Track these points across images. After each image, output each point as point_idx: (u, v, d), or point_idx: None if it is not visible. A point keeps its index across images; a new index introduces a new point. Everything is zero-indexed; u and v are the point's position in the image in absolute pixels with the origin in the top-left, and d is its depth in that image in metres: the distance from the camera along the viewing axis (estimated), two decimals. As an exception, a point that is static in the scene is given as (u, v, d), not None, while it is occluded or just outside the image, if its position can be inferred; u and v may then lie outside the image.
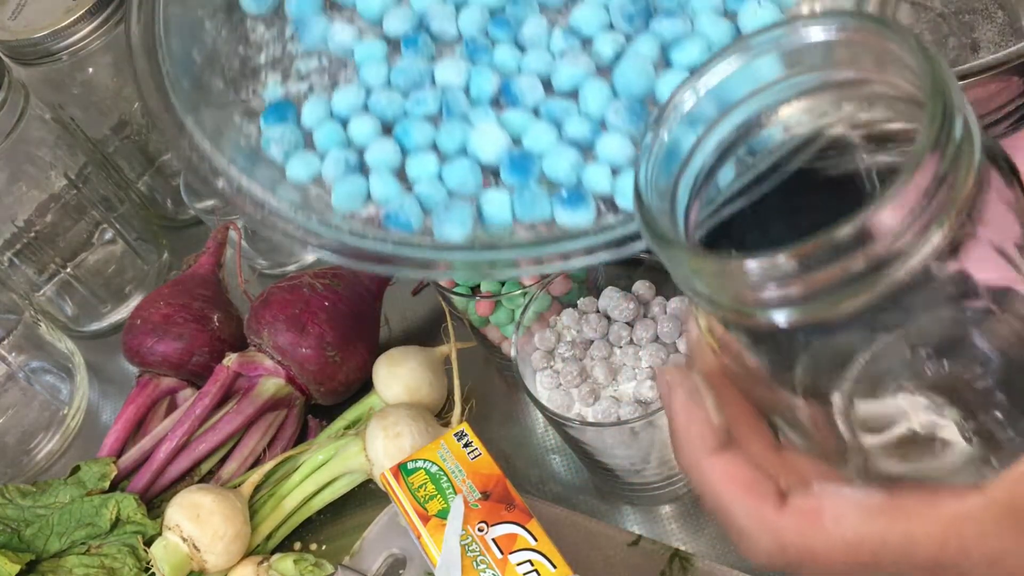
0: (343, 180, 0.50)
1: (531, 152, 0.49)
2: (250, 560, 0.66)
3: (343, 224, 0.49)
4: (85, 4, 0.77)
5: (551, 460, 0.70)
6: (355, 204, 0.50)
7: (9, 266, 0.83)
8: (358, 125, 0.52)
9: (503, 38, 0.53)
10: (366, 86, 0.53)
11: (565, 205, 0.48)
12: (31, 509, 0.67)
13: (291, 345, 0.71)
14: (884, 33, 0.30)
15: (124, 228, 0.88)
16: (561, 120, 0.50)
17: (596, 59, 0.52)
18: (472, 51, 0.52)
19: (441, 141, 0.51)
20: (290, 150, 0.52)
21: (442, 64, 0.52)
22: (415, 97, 0.52)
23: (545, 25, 0.53)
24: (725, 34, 0.50)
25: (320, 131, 0.52)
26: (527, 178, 0.49)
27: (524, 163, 0.49)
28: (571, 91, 0.51)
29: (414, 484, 0.60)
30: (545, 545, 0.56)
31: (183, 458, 0.71)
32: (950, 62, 0.71)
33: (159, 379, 0.76)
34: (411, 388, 0.70)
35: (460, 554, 0.56)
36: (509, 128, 0.51)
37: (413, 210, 0.49)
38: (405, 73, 0.52)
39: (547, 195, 0.48)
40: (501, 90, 0.52)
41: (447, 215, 0.48)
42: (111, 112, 0.86)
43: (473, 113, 0.51)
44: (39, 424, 0.83)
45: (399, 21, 0.54)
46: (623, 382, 0.59)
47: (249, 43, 0.58)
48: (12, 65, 0.79)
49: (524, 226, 0.49)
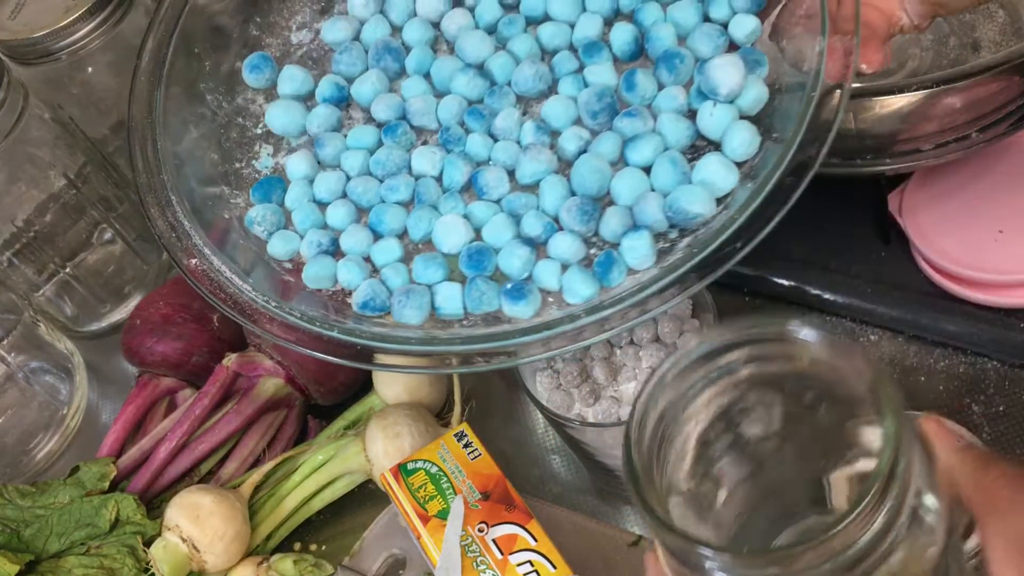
0: (314, 262, 0.55)
1: (487, 246, 0.52)
2: (250, 560, 0.66)
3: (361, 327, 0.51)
4: (84, 4, 0.77)
5: (551, 460, 0.70)
6: (324, 284, 0.55)
7: (8, 266, 0.83)
8: (335, 210, 0.57)
9: (477, 128, 0.56)
10: (346, 172, 0.58)
11: (510, 299, 0.50)
12: (31, 509, 0.67)
13: (291, 345, 0.71)
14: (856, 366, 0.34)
15: (123, 228, 0.88)
16: (520, 215, 0.53)
17: (560, 154, 0.54)
18: (447, 140, 0.57)
19: (410, 229, 0.55)
20: (271, 229, 0.57)
21: (418, 153, 0.57)
22: (389, 185, 0.56)
23: (516, 117, 0.56)
24: (683, 134, 0.52)
25: (299, 213, 0.57)
26: (482, 272, 0.52)
27: (480, 258, 0.52)
28: (533, 184, 0.54)
29: (414, 484, 0.60)
30: (545, 545, 0.56)
31: (183, 458, 0.71)
32: (950, 62, 0.71)
33: (159, 379, 0.76)
34: (411, 388, 0.70)
35: (460, 554, 0.56)
36: (474, 219, 0.54)
37: (382, 295, 0.52)
38: (382, 163, 0.57)
39: (496, 290, 0.51)
40: (470, 181, 0.55)
41: (408, 301, 0.51)
42: (110, 112, 0.86)
43: (443, 202, 0.55)
44: (38, 424, 0.83)
45: (385, 109, 0.58)
46: (623, 382, 0.59)
47: (248, 113, 0.62)
48: (11, 65, 0.79)
49: (475, 316, 0.52)
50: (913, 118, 0.62)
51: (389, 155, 0.57)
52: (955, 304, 0.66)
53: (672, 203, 0.50)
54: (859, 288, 0.69)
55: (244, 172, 0.60)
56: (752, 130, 0.51)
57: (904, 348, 0.68)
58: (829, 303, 0.70)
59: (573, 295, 0.50)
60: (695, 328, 0.60)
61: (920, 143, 0.64)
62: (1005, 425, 0.62)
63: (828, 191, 0.74)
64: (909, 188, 0.70)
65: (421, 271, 0.53)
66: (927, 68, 0.71)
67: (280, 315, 0.51)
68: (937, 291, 0.67)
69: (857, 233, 0.72)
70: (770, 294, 0.72)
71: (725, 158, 0.51)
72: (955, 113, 0.61)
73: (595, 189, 0.52)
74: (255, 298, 0.53)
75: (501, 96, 0.56)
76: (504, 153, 0.55)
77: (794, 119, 0.48)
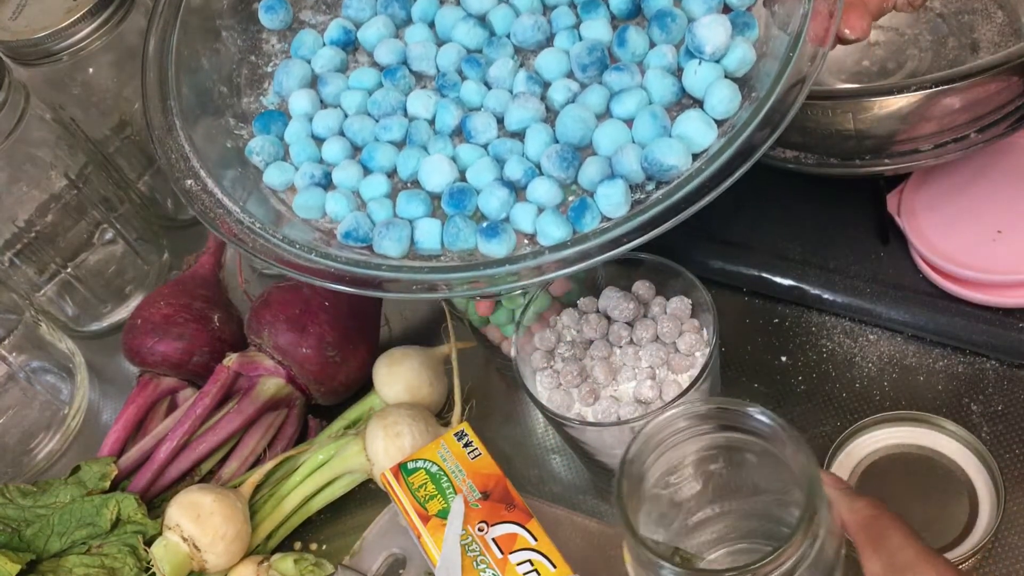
0: (305, 192, 0.57)
1: (470, 187, 0.54)
2: (250, 560, 0.66)
3: (311, 246, 0.54)
4: (85, 4, 0.77)
5: (551, 460, 0.70)
6: (313, 214, 0.57)
7: (9, 266, 0.83)
8: (331, 145, 0.59)
9: (472, 76, 0.58)
10: (345, 111, 0.60)
11: (485, 236, 0.52)
12: (31, 509, 0.67)
13: (291, 345, 0.71)
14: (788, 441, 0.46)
15: (124, 228, 0.88)
16: (504, 159, 0.55)
17: (549, 104, 0.56)
18: (443, 85, 0.59)
19: (398, 166, 0.57)
20: (269, 160, 0.59)
21: (414, 96, 0.58)
22: (384, 124, 0.58)
23: (511, 67, 0.58)
24: (668, 90, 0.54)
25: (296, 147, 0.59)
26: (462, 211, 0.54)
27: (461, 197, 0.54)
28: (520, 131, 0.56)
29: (414, 484, 0.60)
30: (545, 545, 0.56)
31: (183, 458, 0.71)
32: (949, 63, 0.71)
33: (159, 379, 0.76)
34: (411, 388, 0.70)
35: (460, 554, 0.56)
36: (460, 161, 0.56)
37: (365, 227, 0.54)
38: (379, 104, 0.59)
39: (473, 228, 0.53)
40: (460, 125, 0.57)
41: (388, 233, 0.53)
42: (111, 112, 0.86)
43: (432, 143, 0.57)
44: (40, 424, 0.83)
45: (386, 52, 0.60)
46: (623, 382, 0.59)
47: (261, 52, 0.64)
48: (13, 65, 0.79)
49: (452, 253, 0.53)
50: (912, 119, 0.62)
51: (386, 96, 0.59)
52: (954, 304, 0.66)
53: (648, 155, 0.51)
54: (858, 288, 0.69)
55: (252, 107, 0.62)
56: (733, 88, 0.52)
57: (903, 348, 0.68)
58: (828, 303, 0.70)
59: (546, 237, 0.51)
60: (695, 328, 0.60)
61: (919, 143, 0.64)
62: (1004, 425, 0.63)
63: (827, 191, 0.74)
64: (908, 188, 0.70)
65: (404, 206, 0.55)
66: (926, 69, 0.71)
67: (265, 237, 0.54)
68: (936, 291, 0.67)
69: (856, 233, 0.72)
70: (770, 294, 0.72)
71: (705, 114, 0.52)
72: (954, 114, 0.61)
73: (578, 138, 0.53)
74: (243, 219, 0.55)
75: (499, 47, 0.58)
76: (495, 100, 0.57)
77: (772, 79, 0.50)
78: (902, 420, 0.62)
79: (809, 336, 0.70)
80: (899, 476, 0.61)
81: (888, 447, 0.62)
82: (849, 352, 0.68)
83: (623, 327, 0.60)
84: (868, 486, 0.61)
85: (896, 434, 0.62)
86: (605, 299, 0.61)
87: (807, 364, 0.69)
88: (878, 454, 0.62)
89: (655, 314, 0.61)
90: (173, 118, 0.59)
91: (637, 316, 0.60)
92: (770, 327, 0.71)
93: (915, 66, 0.72)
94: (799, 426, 0.65)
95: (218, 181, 0.57)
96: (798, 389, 0.68)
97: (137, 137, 0.88)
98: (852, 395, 0.66)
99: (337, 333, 0.72)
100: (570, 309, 0.63)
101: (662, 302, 0.61)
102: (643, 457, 0.49)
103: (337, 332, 0.72)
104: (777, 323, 0.71)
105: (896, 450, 0.62)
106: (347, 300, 0.73)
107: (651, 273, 0.62)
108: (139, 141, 0.89)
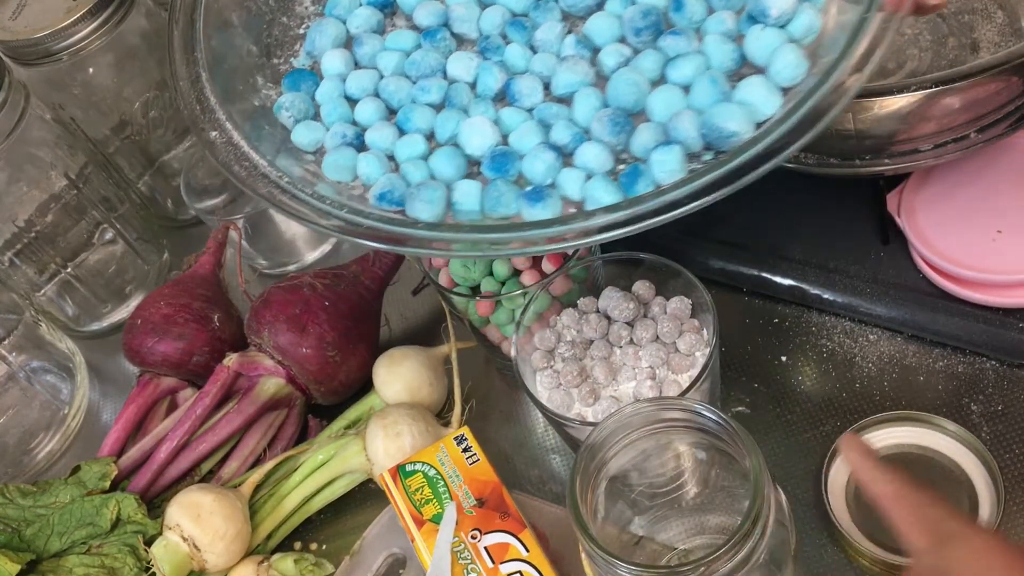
0: (336, 151, 0.54)
1: (513, 151, 0.51)
2: (250, 560, 0.66)
3: (340, 201, 0.51)
4: (85, 4, 0.77)
5: (551, 460, 0.70)
6: (343, 175, 0.54)
7: (10, 266, 0.83)
8: (364, 106, 0.55)
9: (518, 39, 0.55)
10: (380, 71, 0.57)
11: (529, 200, 0.49)
12: (31, 509, 0.67)
13: (291, 345, 0.71)
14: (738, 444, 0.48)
15: (124, 228, 0.88)
16: (550, 124, 0.51)
17: (599, 68, 0.53)
18: (485, 48, 0.55)
19: (436, 129, 0.53)
20: (299, 117, 0.56)
21: (455, 58, 0.55)
22: (422, 85, 0.55)
23: (559, 31, 0.54)
24: (728, 56, 0.50)
25: (328, 106, 0.56)
26: (504, 175, 0.50)
27: (504, 161, 0.51)
28: (567, 96, 0.52)
29: (411, 487, 0.60)
30: (536, 556, 0.55)
31: (183, 458, 0.71)
32: (949, 62, 0.71)
33: (159, 379, 0.76)
34: (411, 388, 0.70)
35: (451, 561, 0.56)
36: (504, 125, 0.52)
37: (400, 189, 0.51)
38: (418, 64, 0.56)
39: (515, 192, 0.49)
40: (504, 88, 0.53)
41: (420, 194, 0.50)
42: (111, 112, 0.86)
43: (473, 107, 0.54)
44: (40, 424, 0.83)
45: (426, 13, 0.57)
46: (623, 382, 0.59)
47: (293, 14, 0.61)
48: (13, 65, 0.79)
49: (492, 217, 0.50)
50: (912, 118, 0.62)
51: (425, 57, 0.56)
52: (954, 304, 0.66)
53: (708, 120, 0.47)
54: (858, 288, 0.69)
55: (281, 68, 0.60)
56: (799, 53, 0.48)
57: (903, 348, 0.68)
58: (828, 303, 0.70)
59: (595, 204, 0.48)
60: (695, 328, 0.60)
61: (919, 143, 0.64)
62: (1003, 424, 0.63)
63: (827, 191, 0.74)
64: (908, 188, 0.70)
65: (441, 166, 0.51)
66: (926, 68, 0.71)
67: (291, 190, 0.51)
68: (936, 291, 0.67)
69: (856, 233, 0.72)
70: (770, 294, 0.72)
71: (769, 80, 0.48)
72: (954, 113, 0.61)
73: (630, 102, 0.50)
74: (269, 172, 0.52)
75: (546, 11, 0.55)
76: (542, 64, 0.54)
77: (840, 48, 0.46)
78: (902, 420, 0.62)
79: (809, 336, 0.70)
80: (899, 476, 0.61)
81: (888, 447, 0.62)
82: (849, 352, 0.68)
83: (623, 327, 0.60)
84: (868, 486, 0.61)
85: (896, 434, 0.62)
86: (605, 299, 0.61)
87: (807, 364, 0.69)
88: (878, 454, 0.62)
89: (655, 314, 0.61)
90: (199, 69, 0.56)
91: (637, 316, 0.60)
92: (770, 327, 0.71)
93: (915, 66, 0.72)
94: (799, 426, 0.66)
95: (243, 134, 0.54)
96: (798, 389, 0.68)
97: (137, 137, 0.88)
98: (852, 395, 0.66)
99: (337, 333, 0.72)
100: (570, 309, 0.63)
101: (662, 302, 0.61)
102: (598, 453, 0.50)
103: (337, 332, 0.72)
104: (777, 323, 0.71)
105: (896, 450, 0.62)
106: (347, 300, 0.73)
107: (651, 273, 0.62)
108: (139, 141, 0.89)
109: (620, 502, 0.56)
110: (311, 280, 0.74)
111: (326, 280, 0.74)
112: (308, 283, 0.73)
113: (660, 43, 0.52)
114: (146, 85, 0.85)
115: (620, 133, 0.50)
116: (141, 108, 0.86)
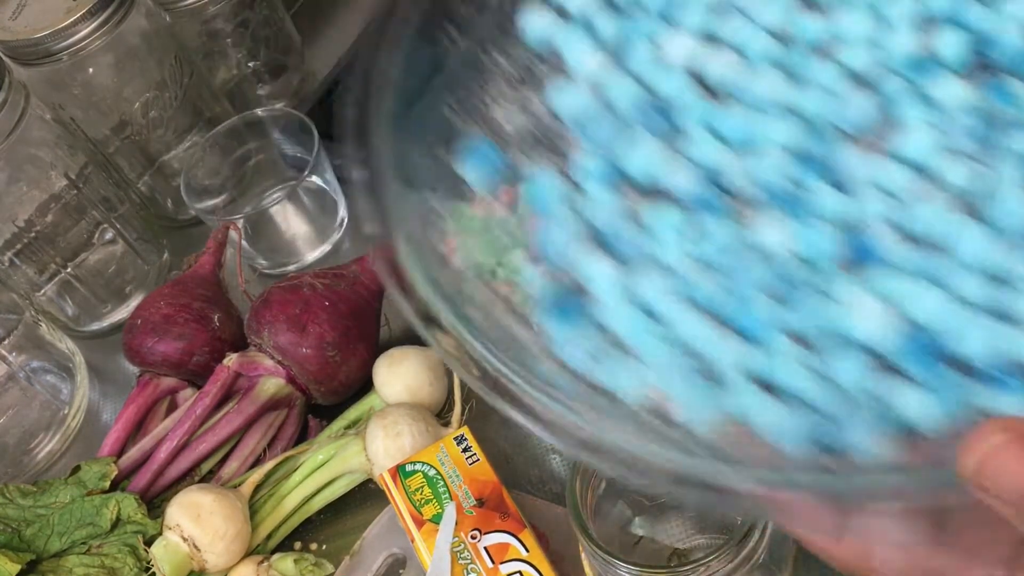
0: (693, 391, 0.36)
1: (928, 327, 0.36)
2: (250, 560, 0.66)
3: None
4: (85, 4, 0.77)
5: (551, 460, 0.70)
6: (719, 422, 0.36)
7: (9, 266, 0.83)
8: (683, 318, 0.37)
9: (816, 183, 0.39)
10: (667, 266, 0.39)
11: (995, 385, 0.34)
12: (31, 509, 0.67)
13: (291, 345, 0.71)
14: None
15: (124, 228, 0.88)
16: (938, 278, 0.36)
17: (943, 187, 0.38)
18: (784, 203, 0.39)
19: (797, 323, 0.37)
20: (598, 355, 0.38)
21: (757, 225, 0.38)
22: (740, 270, 0.38)
23: (862, 157, 0.39)
24: None
25: (637, 336, 0.38)
26: (935, 362, 0.35)
27: (929, 343, 0.35)
28: (933, 238, 0.37)
29: (411, 487, 0.60)
30: (536, 556, 0.55)
31: (183, 458, 0.71)
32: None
33: (159, 379, 0.76)
34: (411, 388, 0.70)
35: (451, 561, 0.56)
36: (880, 296, 0.37)
37: (820, 423, 0.35)
38: (718, 243, 0.38)
39: (962, 384, 0.34)
40: (849, 247, 0.38)
41: (850, 421, 0.34)
42: (111, 112, 0.86)
43: (822, 281, 0.37)
44: (39, 424, 0.83)
45: (684, 177, 0.40)
46: (624, 383, 0.58)
47: None
48: (12, 65, 0.79)
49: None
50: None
51: (721, 231, 0.39)
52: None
53: None
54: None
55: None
56: None
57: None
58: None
59: None
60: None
61: (920, 144, 0.63)
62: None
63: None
64: (908, 188, 0.70)
65: (843, 369, 0.36)
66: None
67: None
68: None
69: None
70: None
71: None
72: (955, 114, 0.61)
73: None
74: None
75: (824, 139, 0.40)
76: (876, 203, 0.38)
77: None
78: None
79: (809, 336, 0.70)
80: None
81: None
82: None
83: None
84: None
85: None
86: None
87: (807, 364, 0.69)
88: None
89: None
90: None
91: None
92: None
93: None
94: (799, 426, 0.66)
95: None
96: (798, 389, 0.68)
97: (137, 137, 0.88)
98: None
99: (337, 333, 0.72)
100: (570, 309, 0.62)
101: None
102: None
103: (337, 332, 0.72)
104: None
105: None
106: (347, 300, 0.73)
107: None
108: (139, 141, 0.89)
109: (620, 502, 0.56)
110: (311, 280, 0.74)
111: (326, 280, 0.74)
112: (308, 283, 0.73)
113: (1001, 141, 0.38)
114: (146, 85, 0.85)
115: None
116: (141, 108, 0.86)
